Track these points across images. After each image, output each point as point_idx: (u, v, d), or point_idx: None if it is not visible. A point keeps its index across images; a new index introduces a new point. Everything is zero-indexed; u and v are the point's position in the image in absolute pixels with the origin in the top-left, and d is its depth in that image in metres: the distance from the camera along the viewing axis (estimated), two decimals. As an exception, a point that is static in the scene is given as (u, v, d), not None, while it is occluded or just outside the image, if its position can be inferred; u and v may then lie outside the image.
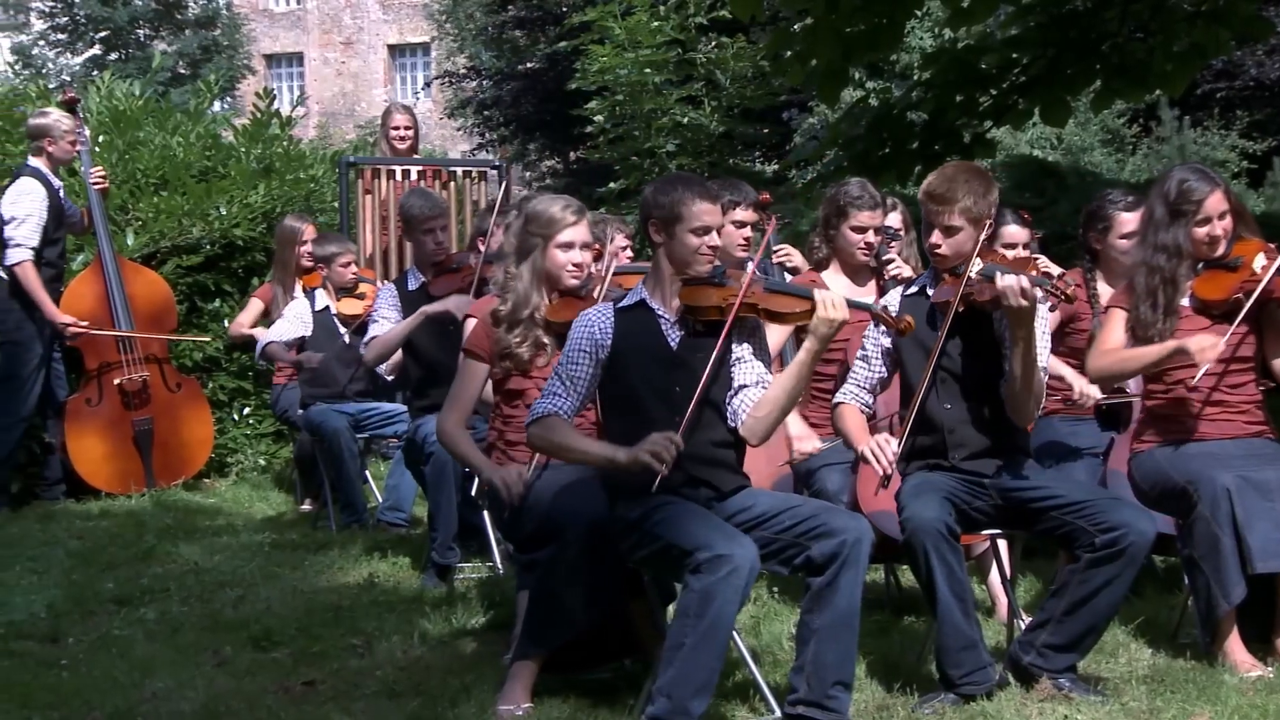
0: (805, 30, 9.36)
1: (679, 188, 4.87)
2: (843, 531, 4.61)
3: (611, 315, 4.92)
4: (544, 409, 4.87)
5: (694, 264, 4.86)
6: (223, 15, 39.92)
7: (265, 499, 9.56)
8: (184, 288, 10.40)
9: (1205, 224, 5.46)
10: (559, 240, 5.50)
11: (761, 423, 4.84)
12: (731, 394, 4.89)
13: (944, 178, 5.21)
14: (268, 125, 11.69)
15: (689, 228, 4.82)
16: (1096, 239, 6.52)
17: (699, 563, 4.47)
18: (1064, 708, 4.83)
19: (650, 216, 4.89)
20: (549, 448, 4.95)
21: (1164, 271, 5.48)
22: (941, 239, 5.17)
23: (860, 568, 4.63)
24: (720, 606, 4.45)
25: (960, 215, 5.13)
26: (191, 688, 5.33)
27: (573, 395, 4.87)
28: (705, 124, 17.91)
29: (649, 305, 4.94)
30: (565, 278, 5.53)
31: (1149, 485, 5.47)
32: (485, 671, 5.41)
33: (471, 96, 28.95)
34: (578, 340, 4.90)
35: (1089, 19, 9.63)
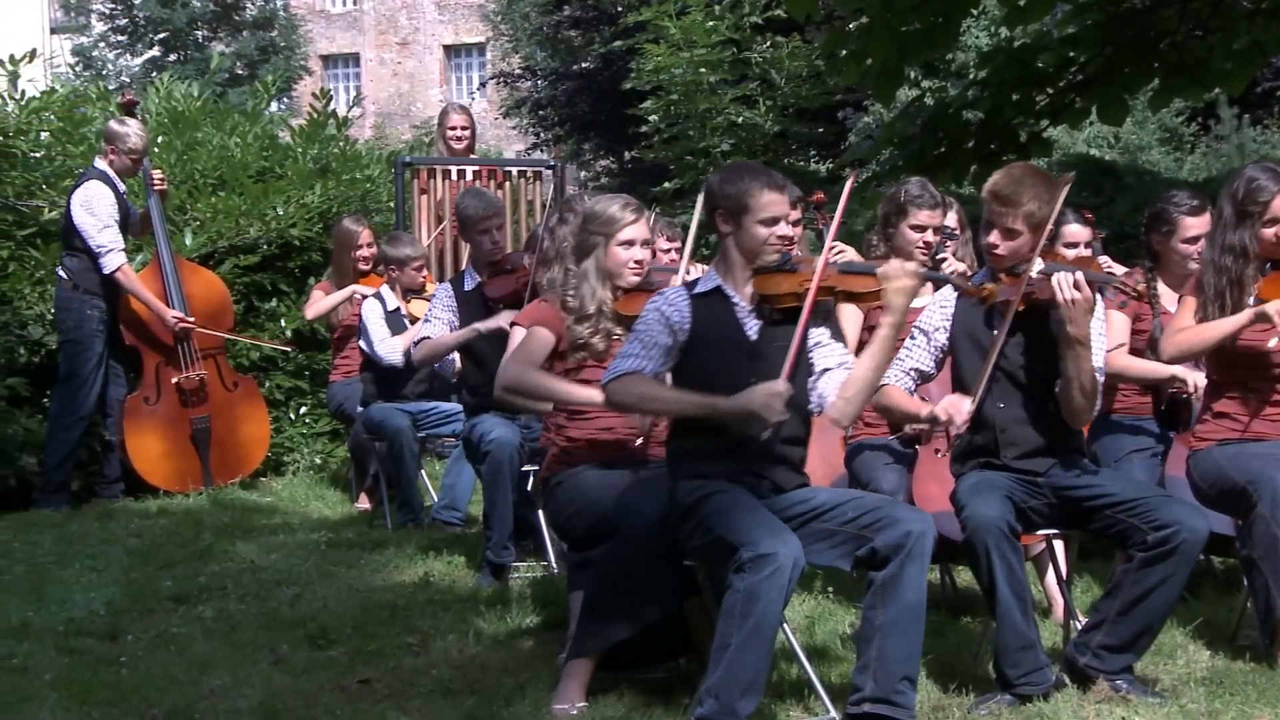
0: (861, 29, 9.33)
1: (745, 177, 4.84)
2: (907, 522, 4.59)
3: (688, 299, 4.86)
4: (624, 368, 4.77)
5: (762, 254, 4.83)
6: (280, 16, 40.15)
7: (321, 497, 9.61)
8: (241, 287, 10.47)
9: (1273, 224, 5.42)
10: (620, 238, 5.52)
11: (851, 403, 4.81)
12: (814, 379, 4.87)
13: (1011, 179, 5.17)
14: (324, 126, 11.76)
15: (757, 218, 4.79)
16: (1159, 241, 6.45)
17: (743, 561, 4.45)
18: (1121, 709, 4.80)
19: (717, 206, 4.87)
20: (633, 401, 4.82)
21: (1230, 273, 5.44)
22: (1000, 240, 5.14)
23: (925, 560, 4.60)
24: (765, 606, 4.43)
25: (1023, 219, 5.10)
26: (249, 685, 5.36)
27: (653, 360, 4.78)
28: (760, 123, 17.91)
29: (725, 292, 4.89)
30: (626, 275, 5.54)
31: (1208, 484, 5.43)
32: (540, 670, 5.42)
33: (526, 96, 29.03)
34: (655, 315, 4.83)
35: (1147, 17, 9.55)
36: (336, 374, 9.42)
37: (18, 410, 9.32)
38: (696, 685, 4.72)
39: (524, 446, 6.99)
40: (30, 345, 9.63)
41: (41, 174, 10.22)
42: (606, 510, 5.16)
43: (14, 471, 9.10)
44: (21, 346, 9.59)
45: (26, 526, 8.43)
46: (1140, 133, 19.95)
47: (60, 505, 8.98)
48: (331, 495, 9.67)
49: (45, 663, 5.69)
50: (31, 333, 9.62)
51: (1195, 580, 5.12)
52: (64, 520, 8.63)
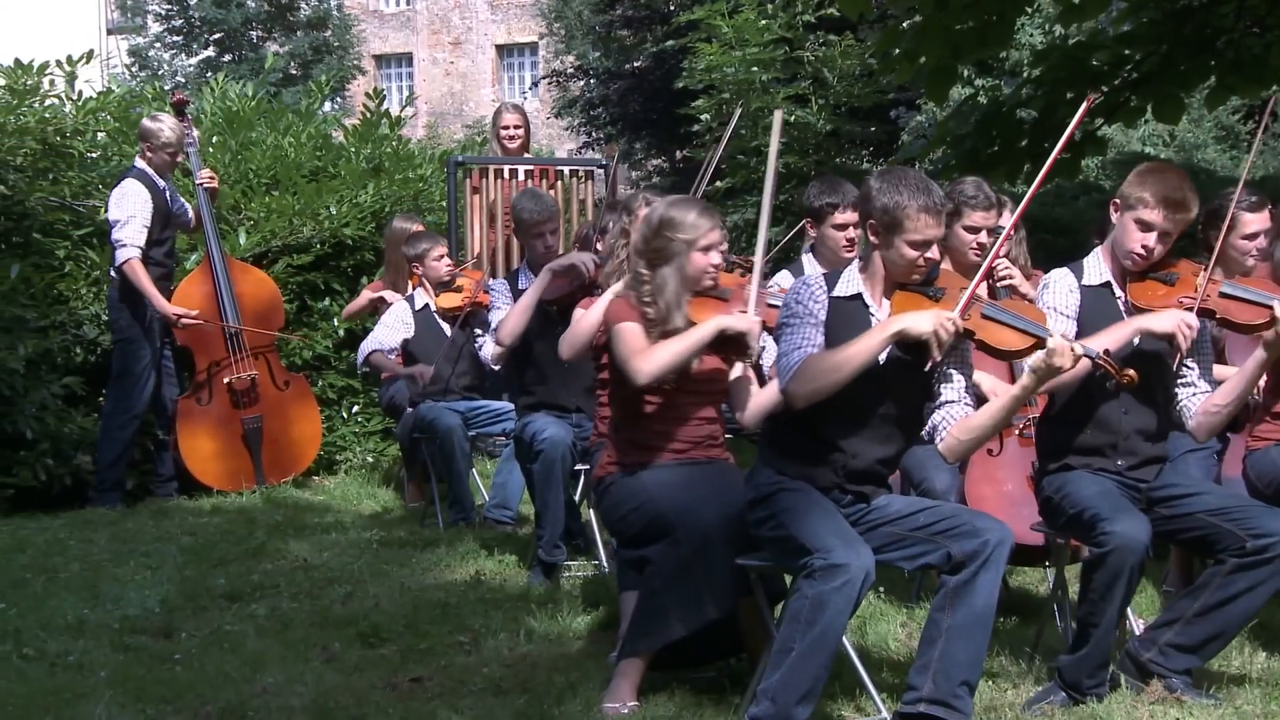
0: (914, 28, 9.31)
1: (904, 192, 4.66)
2: (986, 532, 4.56)
3: (827, 295, 4.78)
4: (793, 362, 4.67)
5: (905, 275, 4.75)
6: (334, 16, 40.30)
7: (373, 496, 9.63)
8: (294, 286, 10.52)
9: None
10: (702, 244, 5.35)
11: (963, 446, 4.74)
12: (933, 407, 4.81)
13: (1177, 184, 5.03)
14: (377, 125, 11.80)
15: (908, 239, 4.67)
16: (1216, 237, 6.39)
17: (814, 568, 4.44)
18: (1175, 710, 4.76)
19: (870, 215, 4.75)
20: (821, 380, 4.58)
21: None
22: (1158, 244, 5.05)
23: (1000, 569, 4.57)
24: (832, 616, 4.42)
25: (1181, 226, 5.04)
26: (301, 683, 5.38)
27: (812, 339, 4.68)
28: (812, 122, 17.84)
29: (865, 301, 4.82)
30: (706, 280, 5.41)
31: (1265, 484, 5.39)
32: (591, 669, 5.42)
33: (578, 96, 29.06)
34: (796, 306, 4.75)
35: (1203, 14, 9.49)
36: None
37: (73, 409, 9.40)
38: (747, 685, 4.72)
39: (576, 445, 7.00)
40: (86, 345, 9.70)
41: (98, 174, 10.30)
42: (662, 509, 5.13)
43: (70, 470, 9.17)
44: (78, 346, 9.67)
45: (82, 524, 8.49)
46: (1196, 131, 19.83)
47: (115, 503, 9.04)
48: (383, 494, 9.70)
49: (101, 660, 5.73)
50: (87, 332, 9.69)
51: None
52: (119, 518, 8.69)
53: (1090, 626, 4.85)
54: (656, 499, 5.19)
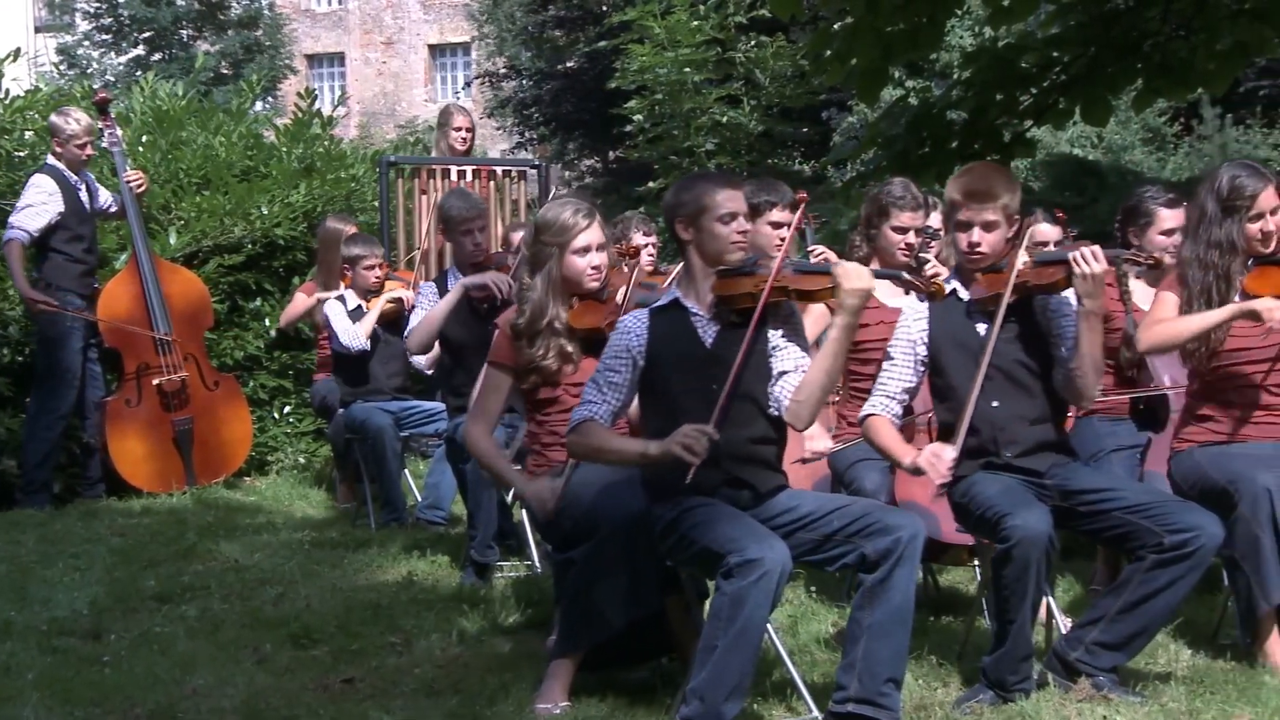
0: (845, 29, 9.34)
1: (699, 182, 4.95)
2: (898, 528, 4.60)
3: (646, 321, 4.92)
4: (581, 416, 4.88)
5: (726, 252, 4.86)
6: (265, 16, 40.02)
7: (305, 497, 9.60)
8: (225, 287, 10.46)
9: (1258, 219, 5.45)
10: (575, 246, 5.46)
11: (803, 406, 4.81)
12: (772, 383, 4.88)
13: (979, 176, 5.19)
14: (309, 125, 11.75)
15: (715, 216, 4.84)
16: (1135, 234, 6.49)
17: (730, 566, 4.47)
18: (1102, 708, 4.81)
19: (676, 216, 4.92)
20: (587, 453, 4.93)
21: (1218, 268, 5.46)
22: (982, 236, 5.13)
23: (914, 564, 4.62)
24: (751, 610, 4.44)
25: (1000, 211, 5.10)
26: (232, 685, 5.36)
27: (609, 401, 4.88)
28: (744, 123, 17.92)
29: (683, 304, 4.94)
30: (586, 281, 5.50)
31: (1189, 485, 5.44)
32: (523, 670, 5.42)
33: (511, 96, 29.01)
34: (615, 349, 4.91)
35: (1130, 17, 9.58)
36: (320, 372, 9.43)
37: (1, 412, 9.30)
38: (679, 684, 4.73)
39: (508, 446, 7.00)
40: (14, 345, 9.61)
41: (25, 173, 10.19)
42: (587, 510, 5.16)
43: (-4, 473, 9.10)
44: (4, 347, 9.58)
45: (9, 526, 8.42)
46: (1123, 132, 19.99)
47: (42, 505, 8.97)
48: (315, 495, 9.67)
49: (28, 662, 5.68)
50: (13, 333, 9.59)
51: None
52: (47, 520, 8.61)
53: (1007, 623, 4.90)
54: (582, 499, 5.21)
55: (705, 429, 4.59)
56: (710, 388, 4.74)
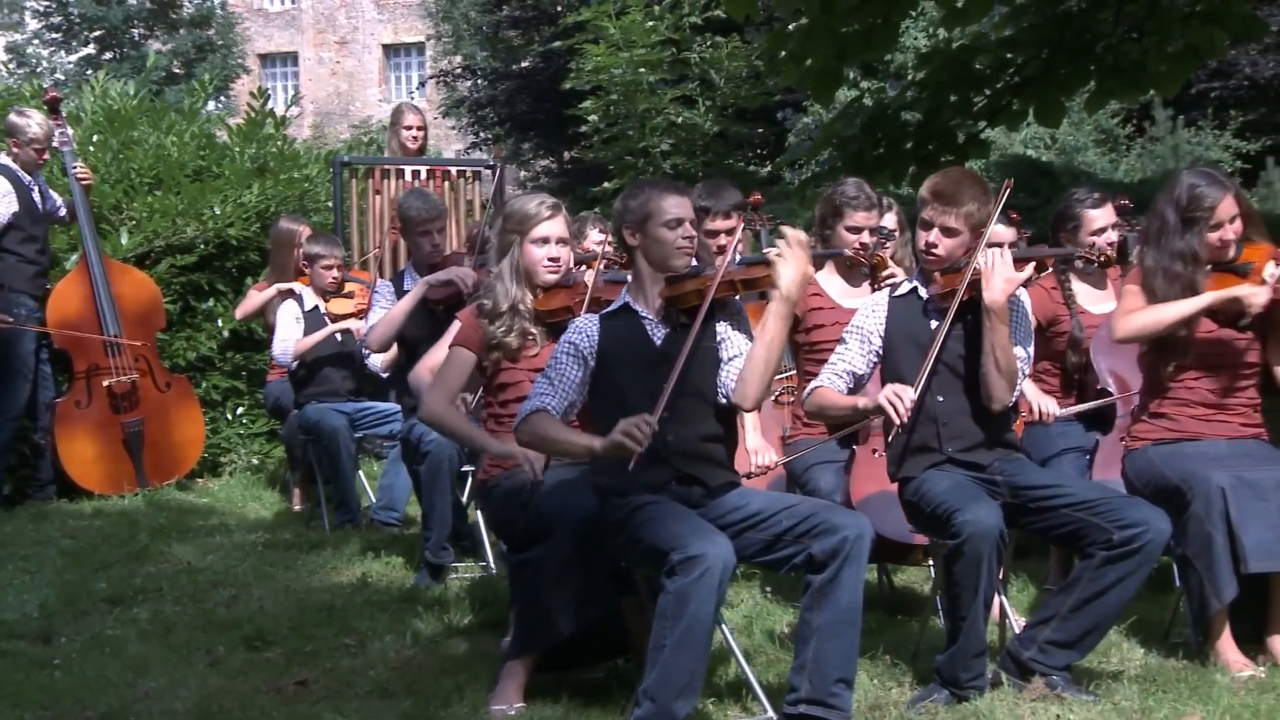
0: (800, 30, 9.37)
1: (645, 189, 4.97)
2: (844, 528, 4.61)
3: (597, 324, 4.95)
4: (532, 406, 4.88)
5: (672, 257, 4.89)
6: (217, 15, 39.87)
7: (258, 498, 9.56)
8: (178, 287, 10.39)
9: (1218, 229, 5.47)
10: (534, 236, 5.57)
11: (748, 384, 4.81)
12: (719, 371, 4.89)
13: (951, 180, 5.23)
14: (262, 125, 11.68)
15: (661, 222, 4.87)
16: (1067, 237, 6.54)
17: (673, 564, 4.47)
18: (1056, 707, 4.82)
19: (623, 222, 4.96)
20: (535, 442, 4.93)
21: (1183, 278, 5.48)
22: (940, 239, 5.16)
23: (862, 564, 4.63)
24: (696, 608, 4.44)
25: (963, 219, 5.14)
26: (184, 687, 5.33)
27: (560, 395, 4.88)
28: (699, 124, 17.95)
29: (632, 308, 4.97)
30: (542, 273, 5.58)
31: (1142, 483, 5.47)
32: (478, 671, 5.41)
33: (466, 96, 29.00)
34: (565, 346, 4.93)
35: (1083, 19, 9.64)
36: (274, 373, 9.38)
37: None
38: (634, 685, 4.72)
39: (463, 447, 6.99)
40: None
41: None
42: (542, 510, 5.16)
43: (-56, 475, 9.01)
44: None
45: (-42, 528, 8.35)
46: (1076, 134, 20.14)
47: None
48: (269, 496, 9.62)
49: (-23, 665, 5.64)
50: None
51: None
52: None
53: (960, 619, 4.92)
54: (537, 500, 5.22)
55: (646, 418, 4.59)
56: (660, 387, 4.75)
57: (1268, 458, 5.43)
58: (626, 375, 4.81)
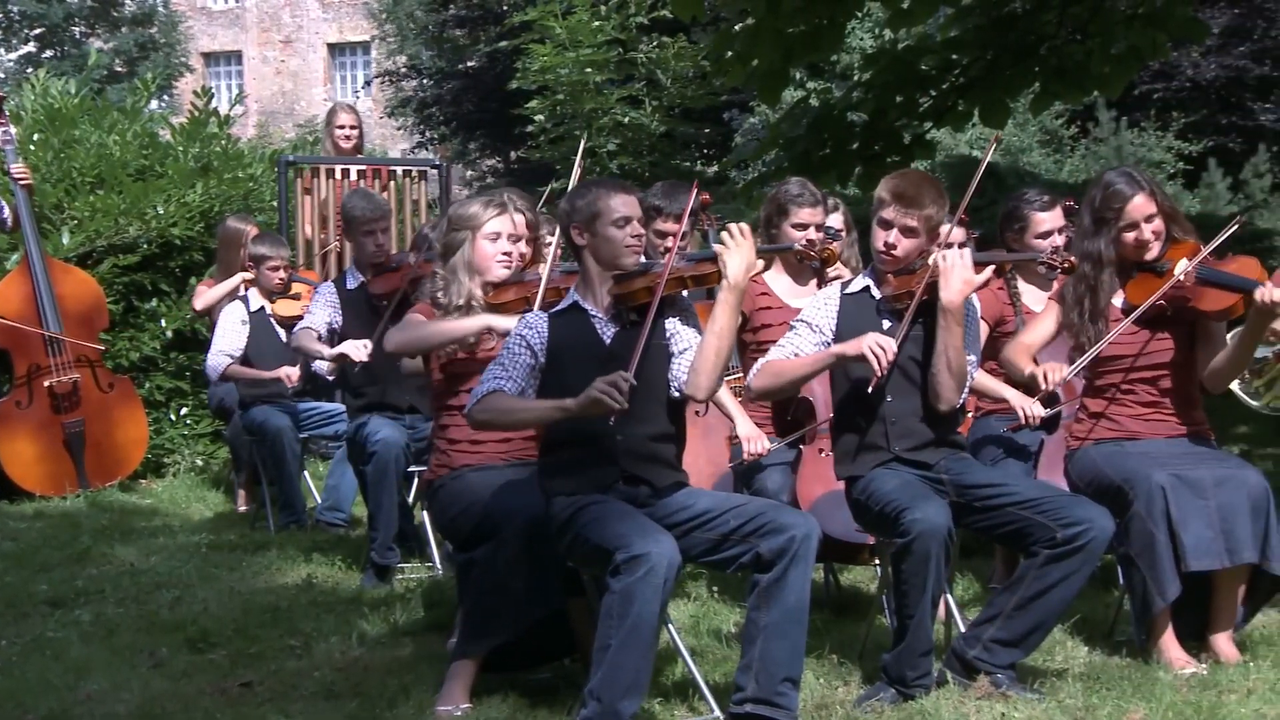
0: (746, 31, 9.38)
1: (592, 188, 4.96)
2: (792, 527, 4.61)
3: (546, 321, 4.94)
4: (485, 389, 4.83)
5: (620, 256, 4.89)
6: (159, 13, 39.64)
7: (203, 499, 9.51)
8: (120, 287, 10.33)
9: (1132, 229, 5.49)
10: (484, 232, 5.55)
11: (699, 375, 4.81)
12: (669, 366, 4.90)
13: (912, 182, 5.23)
14: (206, 124, 11.62)
15: (609, 221, 4.87)
16: (1014, 238, 6.56)
17: (618, 563, 4.47)
18: (1001, 705, 4.84)
19: (571, 222, 4.94)
20: (495, 417, 4.84)
21: (1089, 279, 5.52)
22: (900, 240, 5.17)
23: (809, 563, 4.63)
24: (641, 607, 4.43)
25: (922, 220, 5.15)
26: (127, 689, 5.29)
27: (514, 381, 4.84)
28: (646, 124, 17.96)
29: (582, 306, 4.96)
30: (495, 268, 5.56)
31: (1085, 483, 5.50)
32: (424, 672, 5.39)
33: (411, 95, 28.93)
34: (515, 339, 4.91)
35: (1027, 21, 9.69)
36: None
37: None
38: (581, 686, 4.72)
39: (409, 447, 6.98)
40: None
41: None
42: (488, 511, 5.15)
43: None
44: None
45: (-103, 530, 8.26)
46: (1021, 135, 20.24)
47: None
48: (213, 497, 9.57)
49: (-83, 669, 5.58)
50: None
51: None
52: (-65, 524, 8.47)
53: (907, 618, 4.94)
54: (484, 500, 5.21)
55: (624, 374, 4.58)
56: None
57: (1207, 456, 5.47)
58: (576, 373, 4.79)
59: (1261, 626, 5.70)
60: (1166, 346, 5.50)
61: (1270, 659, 5.30)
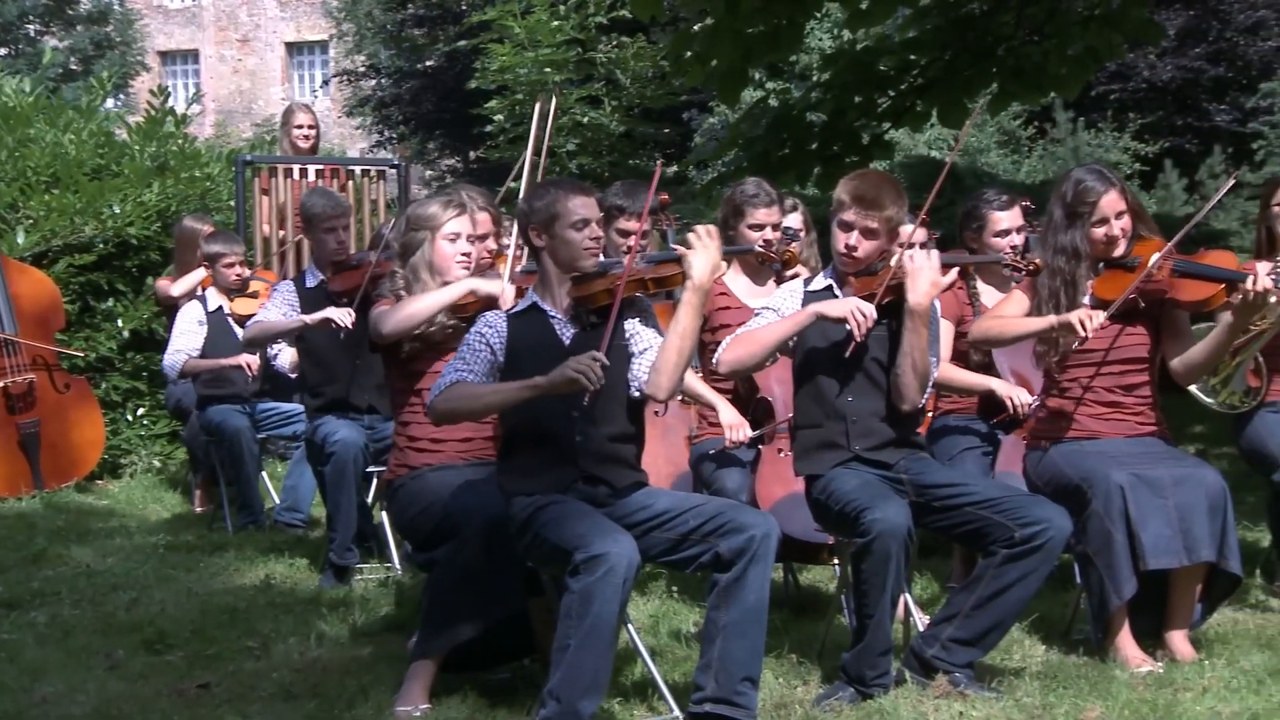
0: (705, 31, 9.39)
1: (551, 189, 4.94)
2: (751, 527, 4.62)
3: (505, 321, 4.93)
4: (447, 380, 4.82)
5: (579, 258, 4.88)
6: (115, 11, 39.33)
7: (160, 500, 9.46)
8: (76, 287, 10.27)
9: (1103, 224, 5.51)
10: (444, 233, 5.56)
11: (660, 375, 4.80)
12: (629, 366, 4.89)
13: (872, 183, 5.25)
14: (162, 123, 11.56)
15: (568, 223, 4.85)
16: (972, 238, 6.60)
17: (577, 563, 4.47)
18: (959, 704, 4.86)
19: (529, 223, 4.93)
20: (459, 405, 4.80)
21: (1064, 273, 5.53)
22: (861, 241, 5.19)
23: (768, 563, 4.63)
24: (600, 607, 4.43)
25: (883, 222, 5.17)
26: (83, 691, 5.26)
27: (476, 374, 4.83)
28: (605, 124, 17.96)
29: (540, 307, 4.96)
30: (454, 269, 5.57)
31: (1044, 482, 5.52)
32: (383, 672, 5.37)
33: (370, 95, 28.84)
34: (475, 335, 4.90)
35: (985, 22, 9.74)
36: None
37: None
38: (540, 686, 4.71)
39: (368, 447, 6.96)
40: None
41: None
42: (449, 510, 5.15)
43: None
44: None
45: None
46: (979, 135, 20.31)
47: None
48: (170, 498, 9.52)
49: None
50: None
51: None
52: (-110, 525, 8.40)
53: (866, 617, 4.95)
54: (443, 500, 5.21)
55: (596, 354, 4.59)
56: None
57: (1165, 455, 5.49)
58: (535, 373, 4.78)
59: (1217, 625, 5.74)
60: (1138, 340, 5.52)
61: (1225, 657, 5.34)
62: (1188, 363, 5.53)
